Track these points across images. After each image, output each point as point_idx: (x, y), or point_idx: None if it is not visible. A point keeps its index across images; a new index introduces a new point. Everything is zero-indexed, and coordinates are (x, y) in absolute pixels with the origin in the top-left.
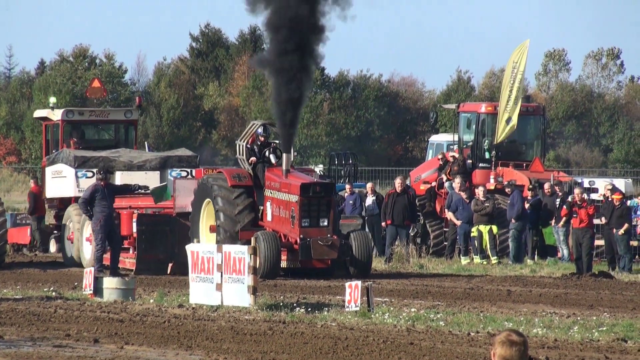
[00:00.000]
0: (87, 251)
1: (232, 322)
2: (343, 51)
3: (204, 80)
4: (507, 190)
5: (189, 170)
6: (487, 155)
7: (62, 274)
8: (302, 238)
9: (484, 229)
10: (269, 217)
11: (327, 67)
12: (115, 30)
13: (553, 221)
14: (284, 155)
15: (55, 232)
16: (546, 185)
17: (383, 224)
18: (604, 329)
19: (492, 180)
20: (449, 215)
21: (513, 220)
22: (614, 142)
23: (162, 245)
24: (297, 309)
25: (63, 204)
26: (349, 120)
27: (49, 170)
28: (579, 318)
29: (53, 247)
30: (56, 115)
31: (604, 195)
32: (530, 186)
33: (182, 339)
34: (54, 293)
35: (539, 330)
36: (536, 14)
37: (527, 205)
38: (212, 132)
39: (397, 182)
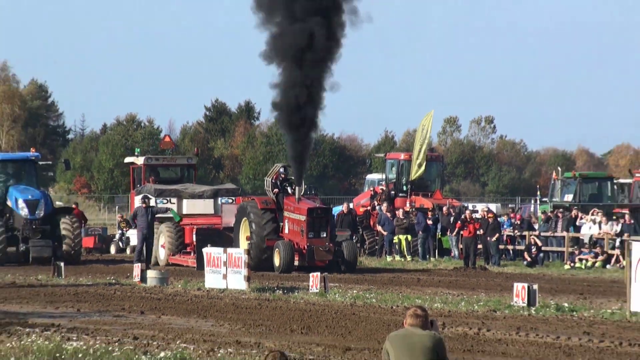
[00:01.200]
0: (161, 253)
1: (233, 300)
2: None
3: (214, 137)
4: (412, 214)
5: (233, 198)
6: (404, 188)
7: (119, 268)
8: (309, 245)
9: (402, 237)
10: (286, 231)
11: None
12: (155, 102)
13: (449, 232)
14: (297, 188)
15: (114, 239)
16: (444, 208)
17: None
18: (481, 303)
19: (408, 205)
20: (379, 228)
21: (420, 233)
22: (489, 179)
23: None
24: (277, 291)
25: None
26: (312, 164)
27: (137, 198)
28: (465, 297)
29: (113, 249)
30: (140, 160)
31: (482, 215)
32: (431, 208)
33: (200, 311)
34: (113, 280)
35: (439, 304)
36: (440, 89)
37: (430, 222)
38: (220, 173)
39: (344, 206)
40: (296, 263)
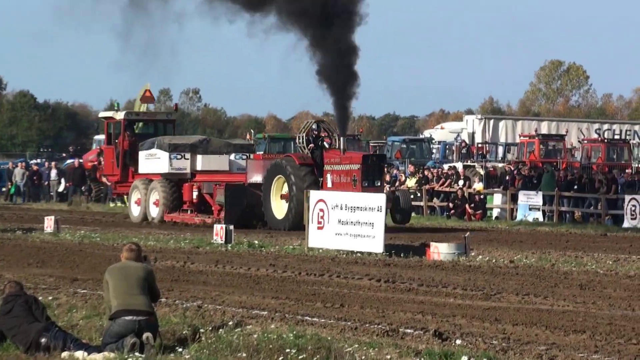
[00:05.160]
0: (153, 211)
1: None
2: None
3: None
4: None
5: (248, 154)
6: None
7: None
8: None
9: None
10: (329, 184)
11: None
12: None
13: None
14: (342, 138)
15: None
16: None
17: (67, 184)
18: (187, 241)
19: None
20: (104, 179)
21: None
22: None
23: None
24: (17, 231)
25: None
26: (49, 127)
27: (142, 154)
28: (174, 236)
29: None
30: (119, 115)
31: None
32: None
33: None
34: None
35: (152, 242)
36: (155, 64)
37: None
38: None
39: (75, 161)
40: None
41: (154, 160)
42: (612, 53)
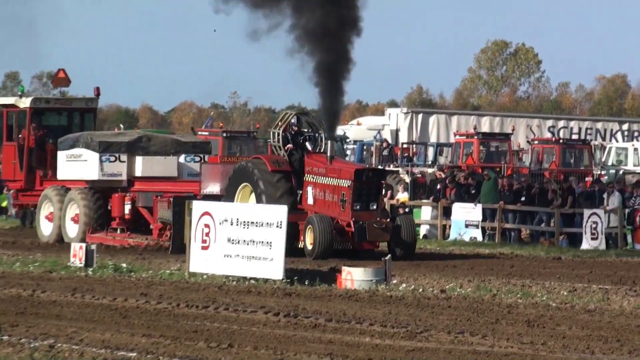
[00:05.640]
0: (71, 229)
1: None
2: None
3: None
4: None
5: (202, 155)
6: None
7: None
8: (356, 221)
9: None
10: (309, 201)
11: None
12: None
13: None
14: (329, 142)
15: None
16: None
17: None
18: (37, 264)
19: None
20: None
21: None
22: None
23: None
24: None
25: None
26: None
27: (63, 154)
28: (20, 257)
29: None
30: (24, 103)
31: None
32: None
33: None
34: None
35: None
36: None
37: None
38: None
39: None
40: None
41: (78, 163)
42: (570, 33)
